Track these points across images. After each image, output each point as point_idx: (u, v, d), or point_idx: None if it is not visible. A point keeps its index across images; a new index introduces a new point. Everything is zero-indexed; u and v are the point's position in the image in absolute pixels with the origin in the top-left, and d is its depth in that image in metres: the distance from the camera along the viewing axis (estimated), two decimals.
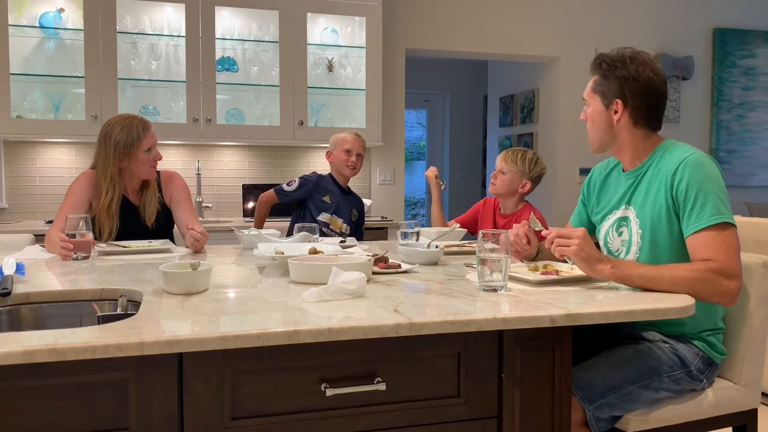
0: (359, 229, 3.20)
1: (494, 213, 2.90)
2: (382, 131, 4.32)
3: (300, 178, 3.13)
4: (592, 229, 1.98)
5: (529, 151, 2.83)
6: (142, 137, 2.52)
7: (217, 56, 4.01)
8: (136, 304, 1.50)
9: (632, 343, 1.72)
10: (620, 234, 1.81)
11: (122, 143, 2.49)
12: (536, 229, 1.89)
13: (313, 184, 3.09)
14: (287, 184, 3.11)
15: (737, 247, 1.59)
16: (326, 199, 3.08)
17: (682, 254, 1.66)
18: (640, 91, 1.74)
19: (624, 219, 1.81)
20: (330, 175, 3.18)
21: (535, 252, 1.94)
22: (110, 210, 2.51)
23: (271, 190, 3.12)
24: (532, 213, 2.02)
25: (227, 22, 4.11)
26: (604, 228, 1.88)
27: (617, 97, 1.75)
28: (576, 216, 2.06)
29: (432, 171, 2.99)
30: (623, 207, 1.82)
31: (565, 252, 1.59)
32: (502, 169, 2.80)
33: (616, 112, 1.75)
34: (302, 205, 3.11)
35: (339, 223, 3.06)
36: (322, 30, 4.28)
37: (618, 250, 1.82)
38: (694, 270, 1.55)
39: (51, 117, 3.82)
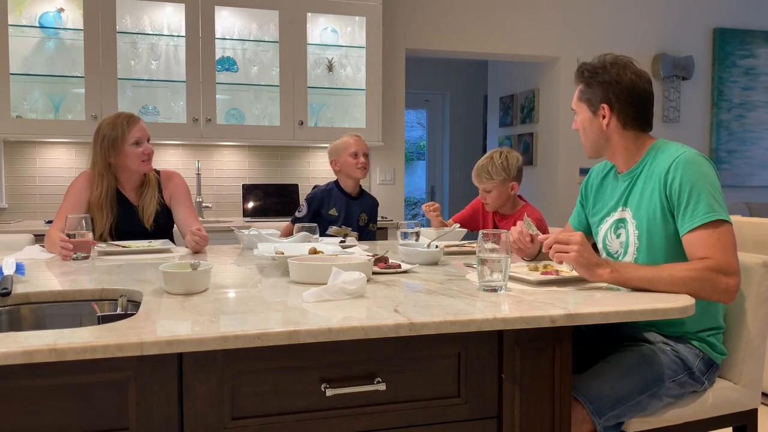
0: (363, 232, 3.10)
1: (494, 216, 2.89)
2: (382, 131, 4.32)
3: (306, 200, 3.07)
4: (590, 230, 1.98)
5: (494, 155, 2.77)
6: (126, 131, 2.53)
7: (217, 56, 4.01)
8: (136, 304, 1.50)
9: (634, 346, 1.72)
10: (618, 236, 1.81)
11: (108, 138, 2.51)
12: (531, 233, 1.88)
13: (318, 200, 3.03)
14: (298, 212, 3.05)
15: (733, 243, 1.59)
16: (333, 212, 3.02)
17: (678, 254, 1.66)
18: (625, 94, 1.75)
19: (621, 221, 1.81)
20: (336, 183, 3.11)
21: (537, 251, 1.94)
22: (100, 204, 2.52)
23: (288, 222, 3.08)
24: (525, 215, 2.00)
25: (227, 22, 4.11)
26: (602, 230, 1.88)
27: (603, 102, 1.76)
28: (575, 217, 2.06)
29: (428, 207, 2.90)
30: (620, 209, 1.82)
31: (564, 258, 1.58)
32: (485, 189, 2.76)
33: (604, 117, 1.77)
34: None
35: (349, 233, 3.01)
36: (322, 30, 4.28)
37: (617, 252, 1.82)
38: (693, 269, 1.55)
39: (51, 117, 3.82)
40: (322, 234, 2.87)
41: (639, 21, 5.18)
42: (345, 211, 3.04)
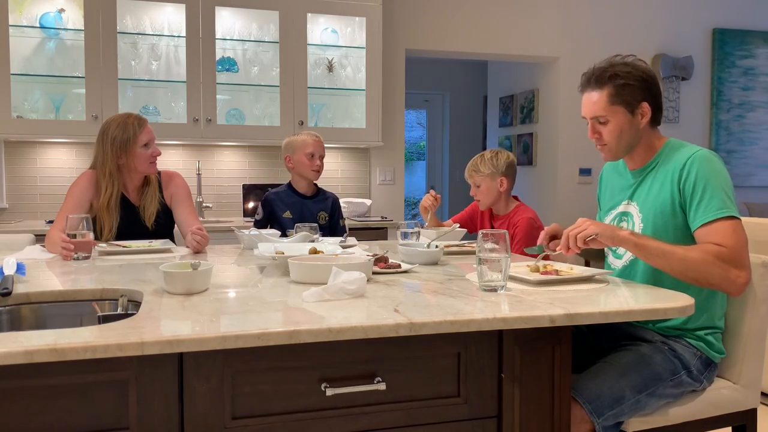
0: (335, 229, 3.06)
1: (490, 218, 2.90)
2: (382, 131, 4.32)
3: (261, 203, 3.04)
4: None
5: (486, 153, 2.81)
6: (138, 133, 2.53)
7: (218, 56, 4.01)
8: (136, 304, 1.50)
9: (633, 345, 1.72)
10: (621, 228, 1.82)
11: (119, 140, 2.51)
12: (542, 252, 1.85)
13: (270, 203, 3.00)
14: (257, 214, 3.04)
15: (746, 239, 1.62)
16: (287, 214, 2.97)
17: None
18: (656, 89, 1.79)
19: (625, 214, 1.83)
20: (289, 184, 3.06)
21: (594, 251, 1.99)
22: (110, 206, 2.52)
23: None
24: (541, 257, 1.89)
25: (227, 22, 4.11)
26: (606, 222, 1.89)
27: (643, 100, 1.77)
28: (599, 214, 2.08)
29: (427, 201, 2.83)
30: (625, 202, 1.85)
31: (587, 233, 1.64)
32: (475, 183, 2.79)
33: (642, 116, 1.78)
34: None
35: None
36: (322, 30, 4.28)
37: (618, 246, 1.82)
38: (706, 253, 1.58)
39: (51, 117, 3.83)
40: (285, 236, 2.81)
41: (639, 21, 5.18)
42: (300, 211, 2.98)
